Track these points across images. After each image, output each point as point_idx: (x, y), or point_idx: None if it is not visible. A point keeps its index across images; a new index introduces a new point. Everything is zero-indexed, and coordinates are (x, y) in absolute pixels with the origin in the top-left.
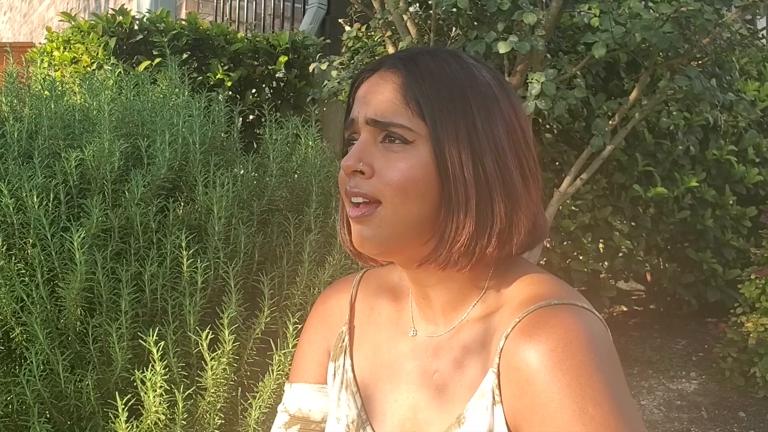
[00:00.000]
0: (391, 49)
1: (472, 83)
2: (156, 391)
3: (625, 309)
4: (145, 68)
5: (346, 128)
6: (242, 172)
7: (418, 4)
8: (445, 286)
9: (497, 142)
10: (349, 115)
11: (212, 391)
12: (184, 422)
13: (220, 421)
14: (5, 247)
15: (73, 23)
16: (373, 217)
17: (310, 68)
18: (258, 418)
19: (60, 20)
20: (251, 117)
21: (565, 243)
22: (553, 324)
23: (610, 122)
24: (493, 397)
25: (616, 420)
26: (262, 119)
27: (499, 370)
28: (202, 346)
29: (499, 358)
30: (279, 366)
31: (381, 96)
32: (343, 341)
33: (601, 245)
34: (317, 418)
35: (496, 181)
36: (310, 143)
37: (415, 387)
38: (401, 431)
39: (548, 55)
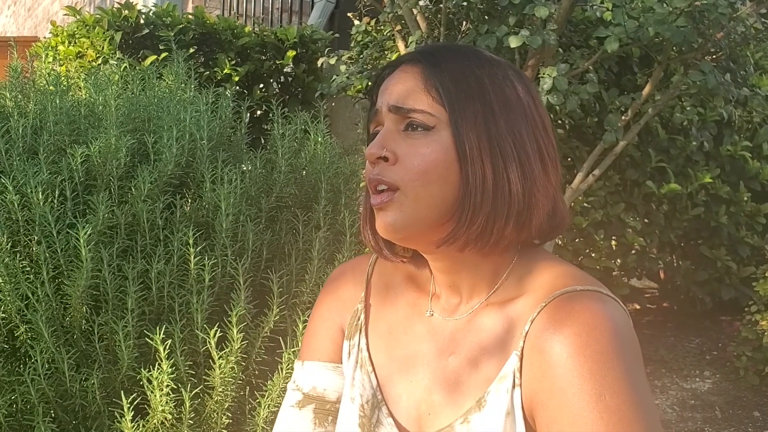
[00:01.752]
0: (400, 44)
1: (490, 72)
2: (163, 390)
3: (638, 307)
4: (151, 63)
5: (370, 121)
6: (250, 168)
7: None
8: (471, 273)
9: (514, 126)
10: (373, 108)
11: (220, 390)
12: (191, 422)
13: (227, 421)
14: (10, 245)
15: (78, 17)
16: (393, 202)
17: (319, 63)
18: (266, 417)
19: (65, 14)
20: (259, 112)
21: (577, 240)
22: (578, 309)
23: (623, 118)
24: (513, 380)
25: (630, 411)
26: (270, 115)
27: (522, 353)
28: (210, 344)
29: (524, 341)
30: (288, 365)
31: (402, 85)
32: (359, 319)
33: (613, 242)
34: (332, 398)
35: (513, 164)
36: (319, 139)
37: (430, 369)
38: (416, 413)
39: (560, 49)
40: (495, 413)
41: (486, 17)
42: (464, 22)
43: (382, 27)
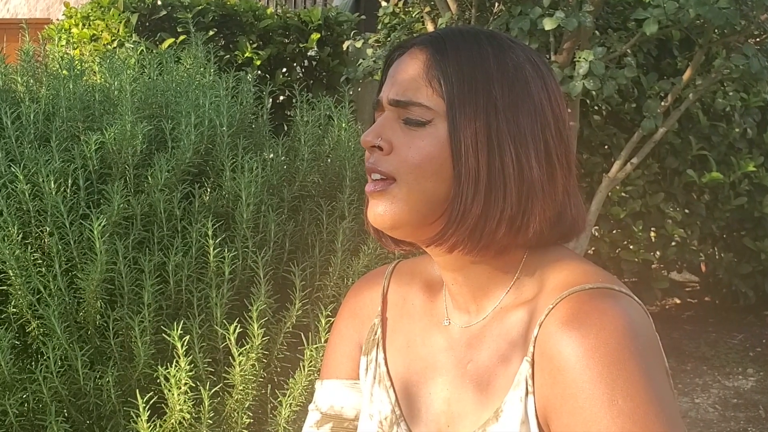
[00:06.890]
0: (429, 26)
1: (501, 65)
2: (180, 388)
3: (678, 301)
4: (169, 46)
5: (375, 109)
6: (272, 156)
7: None
8: (473, 270)
9: (519, 126)
10: (377, 97)
11: (240, 388)
12: (210, 421)
13: (248, 420)
14: (21, 236)
15: None
16: (386, 193)
17: (344, 46)
18: (289, 416)
19: None
20: (281, 98)
21: (614, 231)
22: (587, 309)
23: (663, 103)
24: (526, 388)
25: (646, 413)
26: (293, 100)
27: (533, 359)
28: (230, 340)
29: (534, 346)
30: (311, 361)
31: (405, 75)
32: (376, 334)
33: (652, 234)
34: (350, 415)
35: (511, 166)
36: (344, 125)
37: (449, 379)
38: (437, 427)
39: (597, 32)
40: (511, 423)
41: None
42: (497, 4)
43: (410, 8)
